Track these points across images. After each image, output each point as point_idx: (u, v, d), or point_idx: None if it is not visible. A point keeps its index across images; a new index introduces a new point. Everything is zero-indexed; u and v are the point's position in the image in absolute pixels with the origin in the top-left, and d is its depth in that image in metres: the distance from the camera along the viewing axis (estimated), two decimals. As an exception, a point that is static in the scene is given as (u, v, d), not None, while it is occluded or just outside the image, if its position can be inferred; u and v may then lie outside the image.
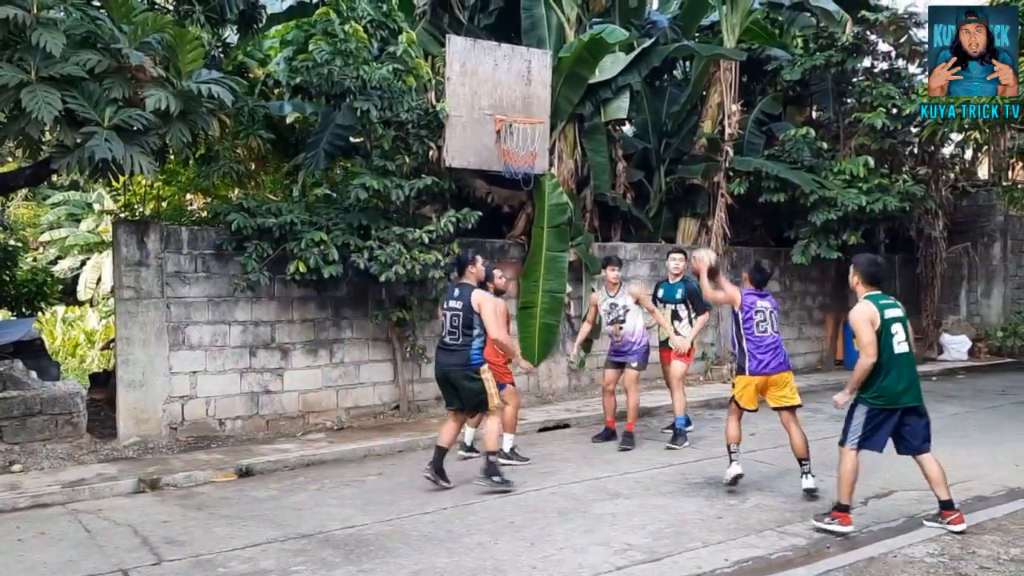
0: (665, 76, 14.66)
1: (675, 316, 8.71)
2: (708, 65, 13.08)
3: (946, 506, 5.60)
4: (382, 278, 8.88)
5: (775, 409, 6.81)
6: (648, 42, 12.17)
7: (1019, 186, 13.91)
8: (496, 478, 6.88)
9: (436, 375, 7.18)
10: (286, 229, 8.76)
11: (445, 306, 7.04)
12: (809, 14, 13.43)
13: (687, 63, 14.78)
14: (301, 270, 8.66)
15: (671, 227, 13.65)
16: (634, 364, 8.55)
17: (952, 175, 15.52)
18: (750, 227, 14.39)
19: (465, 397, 6.92)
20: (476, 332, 6.85)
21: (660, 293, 8.88)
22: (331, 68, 8.70)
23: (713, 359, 13.11)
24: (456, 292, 7.00)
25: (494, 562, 5.26)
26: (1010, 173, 15.28)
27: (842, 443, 5.75)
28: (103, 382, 10.89)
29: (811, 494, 6.50)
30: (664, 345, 8.88)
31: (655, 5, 15.18)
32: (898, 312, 5.68)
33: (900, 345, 5.59)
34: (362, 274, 9.06)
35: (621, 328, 8.46)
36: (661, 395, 11.27)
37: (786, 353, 6.89)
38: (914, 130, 13.40)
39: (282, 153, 11.25)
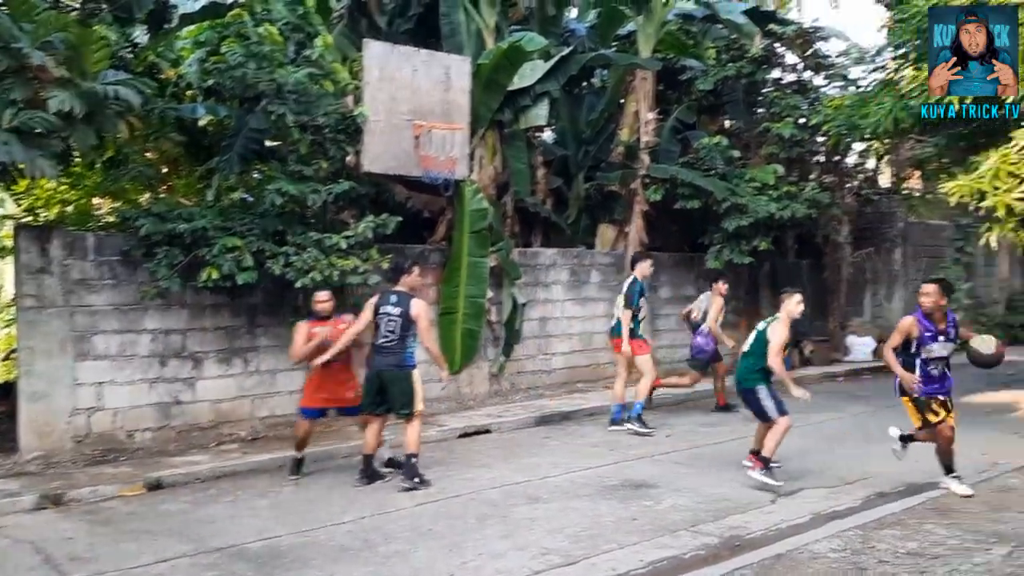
0: (583, 84, 14.86)
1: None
2: (625, 74, 13.32)
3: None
4: (299, 284, 8.74)
5: None
6: (566, 50, 12.31)
7: (917, 194, 14.56)
8: (416, 479, 7.14)
9: (367, 376, 7.36)
10: (198, 235, 8.54)
11: (382, 311, 7.28)
12: (721, 26, 13.82)
13: (605, 72, 15.00)
14: (214, 277, 8.45)
15: (590, 233, 13.84)
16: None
17: (856, 183, 16.13)
18: (666, 233, 14.67)
19: (395, 397, 7.19)
20: (412, 338, 7.22)
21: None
22: (245, 71, 8.54)
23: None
24: (394, 299, 7.31)
25: (411, 571, 5.24)
26: (909, 182, 15.98)
27: (773, 416, 7.22)
28: (4, 394, 10.42)
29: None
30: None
31: (573, 14, 15.39)
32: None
33: None
34: (278, 281, 8.91)
35: None
36: (579, 399, 11.43)
37: None
38: (820, 140, 13.89)
39: (195, 157, 10.96)
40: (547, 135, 14.42)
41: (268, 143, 9.87)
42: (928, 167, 11.37)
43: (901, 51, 10.11)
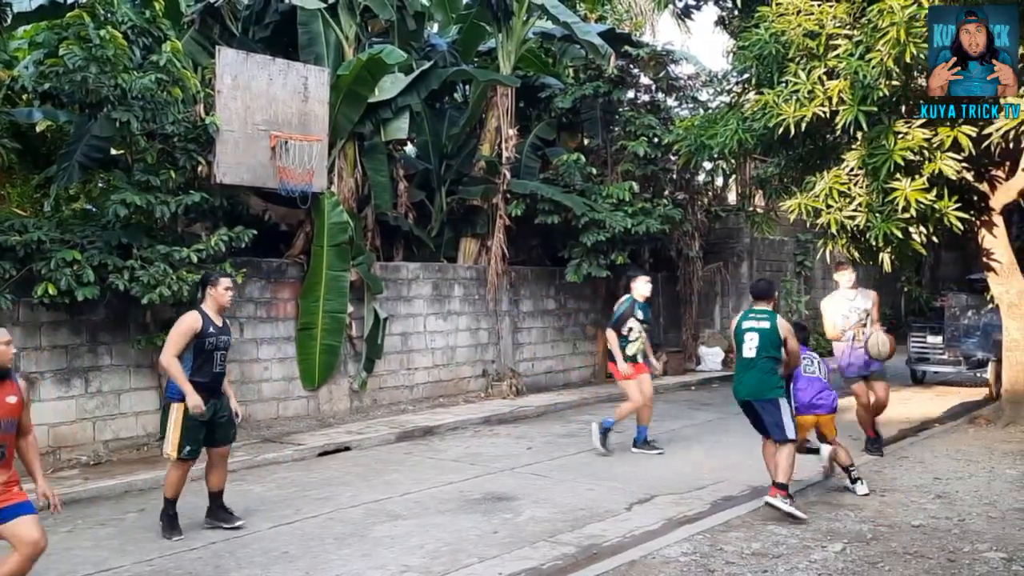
0: (445, 98, 14.92)
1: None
2: (486, 89, 13.46)
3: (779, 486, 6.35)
4: (145, 300, 8.33)
5: None
6: (427, 64, 12.34)
7: (761, 211, 15.38)
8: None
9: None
10: (32, 248, 8.00)
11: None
12: (578, 46, 14.19)
13: (466, 87, 15.13)
14: (51, 292, 7.92)
15: (452, 247, 13.87)
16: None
17: (706, 200, 16.94)
18: (528, 247, 14.92)
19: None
20: (189, 360, 6.21)
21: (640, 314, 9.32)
22: (86, 75, 8.07)
23: (493, 376, 13.40)
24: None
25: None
26: (754, 200, 16.89)
27: (790, 435, 6.48)
28: None
29: None
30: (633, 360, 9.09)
31: (435, 29, 15.46)
32: (754, 324, 6.62)
33: (748, 351, 6.57)
34: (123, 296, 8.46)
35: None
36: (442, 413, 11.41)
37: None
38: (672, 158, 14.48)
39: (31, 164, 10.26)
40: (409, 149, 14.36)
41: (113, 151, 9.38)
42: (770, 186, 12.03)
43: (745, 76, 10.67)
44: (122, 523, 6.73)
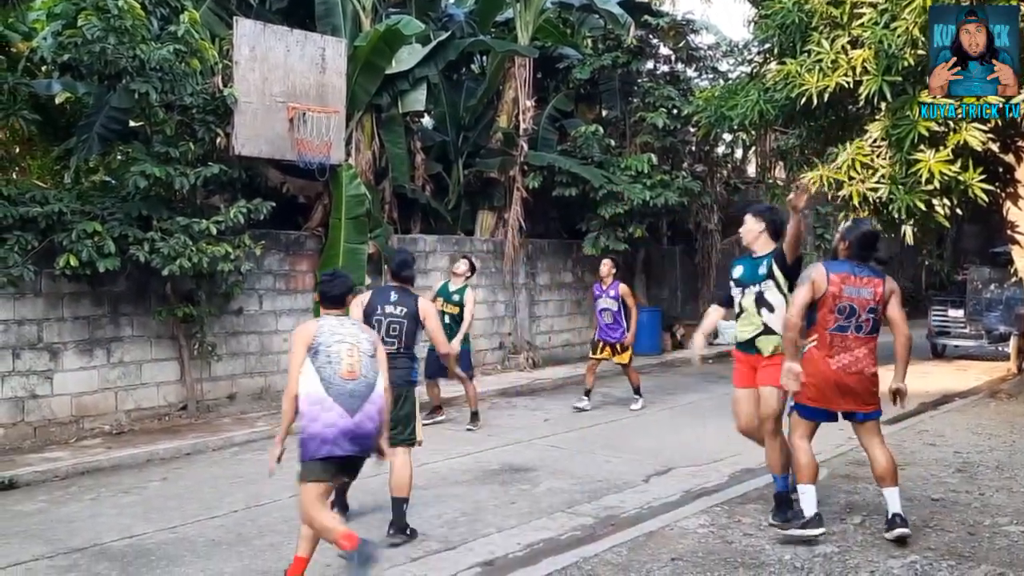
0: (462, 70, 14.84)
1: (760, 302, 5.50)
2: (503, 61, 13.36)
3: None
4: (165, 272, 8.39)
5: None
6: (444, 35, 12.25)
7: (781, 184, 15.25)
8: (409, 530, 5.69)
9: None
10: (54, 219, 8.06)
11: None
12: (597, 16, 14.05)
13: (483, 58, 15.02)
14: (72, 264, 7.99)
15: (469, 220, 13.85)
16: None
17: (725, 172, 16.80)
18: (545, 220, 14.88)
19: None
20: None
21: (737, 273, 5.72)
22: (104, 46, 8.06)
23: (510, 348, 13.43)
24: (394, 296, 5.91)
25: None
26: (773, 172, 16.74)
27: None
28: None
29: None
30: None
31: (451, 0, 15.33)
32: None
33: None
34: (143, 268, 8.52)
35: None
36: (460, 385, 11.43)
37: None
38: (692, 130, 14.36)
39: (52, 136, 10.31)
40: (426, 121, 14.31)
41: (132, 123, 9.39)
42: (791, 158, 11.91)
43: (766, 46, 10.54)
44: (145, 491, 6.82)
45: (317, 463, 4.39)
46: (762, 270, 5.42)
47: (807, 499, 5.15)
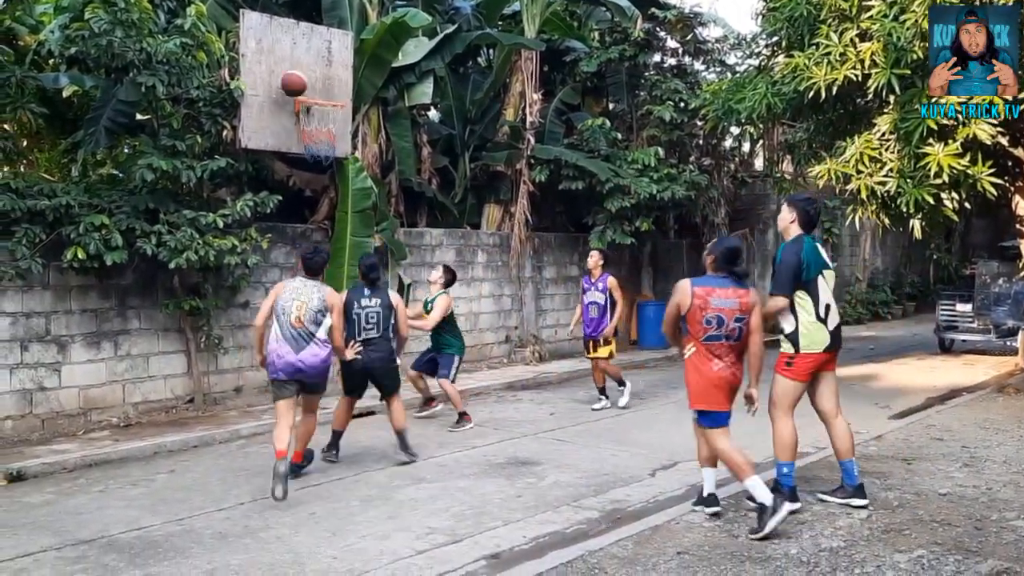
0: (469, 63, 14.80)
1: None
2: (510, 54, 13.33)
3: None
4: (172, 265, 8.41)
5: None
6: (451, 28, 12.22)
7: (788, 177, 15.19)
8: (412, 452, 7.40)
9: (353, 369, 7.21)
10: (61, 212, 8.08)
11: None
12: (604, 8, 13.99)
13: (490, 51, 14.99)
14: (80, 257, 8.02)
15: (476, 213, 13.84)
16: None
17: (732, 166, 16.74)
18: (551, 213, 14.86)
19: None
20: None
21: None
22: (111, 39, 8.08)
23: (516, 342, 13.43)
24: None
25: (293, 555, 5.14)
26: (781, 165, 16.67)
27: None
28: None
29: None
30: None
31: (458, -9, 15.27)
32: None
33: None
34: (150, 261, 8.54)
35: None
36: (466, 378, 11.44)
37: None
38: (699, 123, 14.31)
39: (59, 129, 10.33)
40: (432, 114, 14.30)
41: (139, 116, 9.40)
42: (798, 151, 11.86)
43: (774, 39, 10.49)
44: (152, 484, 6.85)
45: (273, 384, 6.38)
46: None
47: (758, 491, 5.23)
